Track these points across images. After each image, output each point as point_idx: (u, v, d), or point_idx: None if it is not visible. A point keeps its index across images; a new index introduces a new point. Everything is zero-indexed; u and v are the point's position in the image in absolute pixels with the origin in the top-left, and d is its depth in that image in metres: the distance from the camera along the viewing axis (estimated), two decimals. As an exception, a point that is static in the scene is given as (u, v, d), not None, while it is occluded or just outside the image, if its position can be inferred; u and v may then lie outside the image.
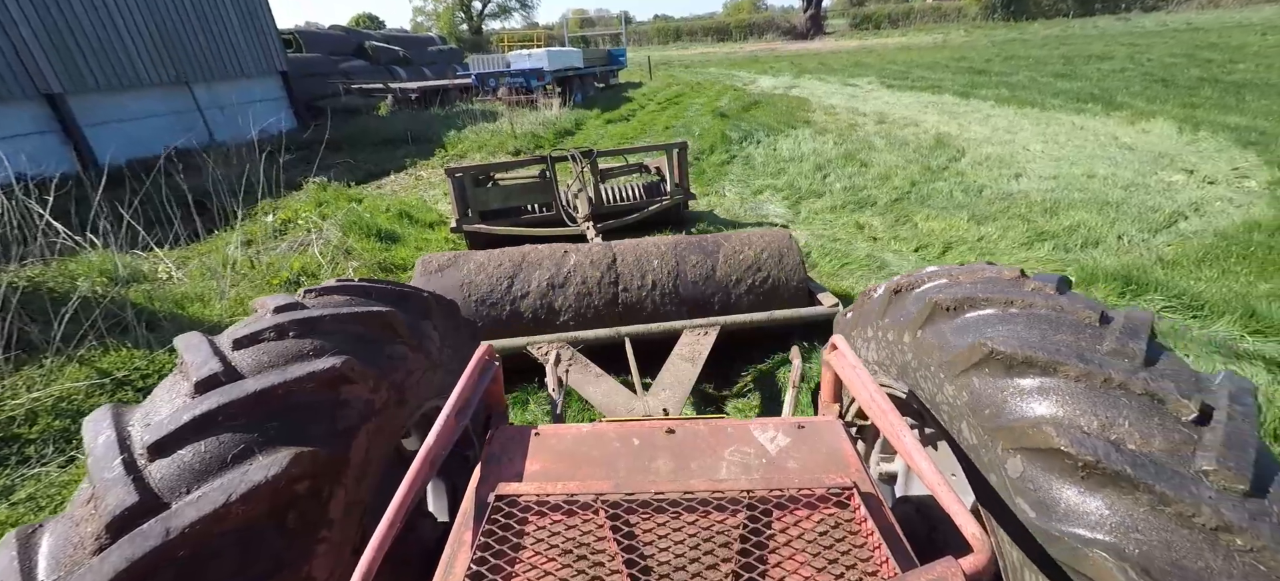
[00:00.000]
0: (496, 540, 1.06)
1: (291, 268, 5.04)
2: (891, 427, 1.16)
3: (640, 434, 1.41)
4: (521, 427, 1.47)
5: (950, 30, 46.07)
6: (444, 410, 1.20)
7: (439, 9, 57.26)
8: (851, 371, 1.37)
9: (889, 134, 9.84)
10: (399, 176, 9.71)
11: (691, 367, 2.66)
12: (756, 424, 1.43)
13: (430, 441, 1.12)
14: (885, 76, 18.40)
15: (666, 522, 1.10)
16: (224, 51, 13.15)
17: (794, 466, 1.31)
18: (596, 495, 1.14)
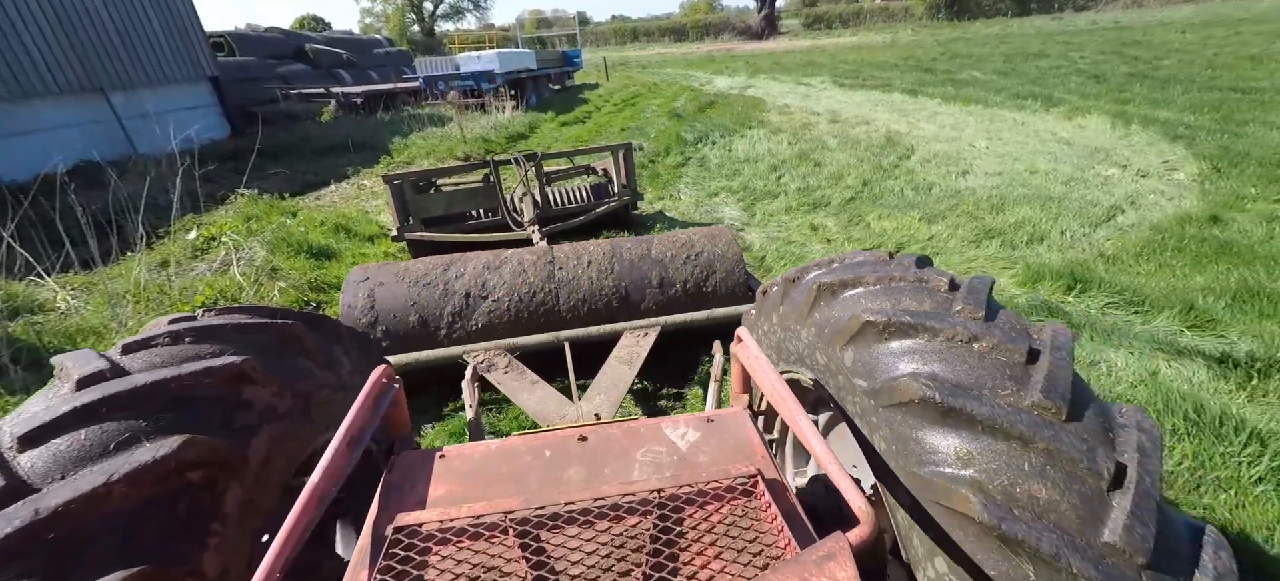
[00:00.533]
0: (395, 575, 1.01)
1: (207, 291, 4.61)
2: (789, 412, 1.21)
3: (552, 444, 1.39)
4: (425, 452, 1.41)
5: (899, 30, 47.56)
6: (334, 439, 1.13)
7: (388, 10, 55.54)
8: (755, 362, 1.41)
9: (842, 133, 9.92)
10: (340, 186, 9.19)
11: (628, 370, 2.63)
12: (668, 422, 1.44)
13: (318, 475, 1.05)
14: (837, 75, 18.72)
15: (577, 533, 1.09)
16: (144, 56, 12.23)
17: (704, 460, 1.32)
18: (504, 513, 1.11)
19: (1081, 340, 3.21)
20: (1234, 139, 7.12)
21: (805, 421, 1.18)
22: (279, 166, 10.58)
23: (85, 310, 4.53)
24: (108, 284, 5.12)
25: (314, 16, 52.15)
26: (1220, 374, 2.76)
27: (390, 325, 2.95)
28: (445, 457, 1.37)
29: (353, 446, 1.19)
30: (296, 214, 7.25)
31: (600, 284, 3.19)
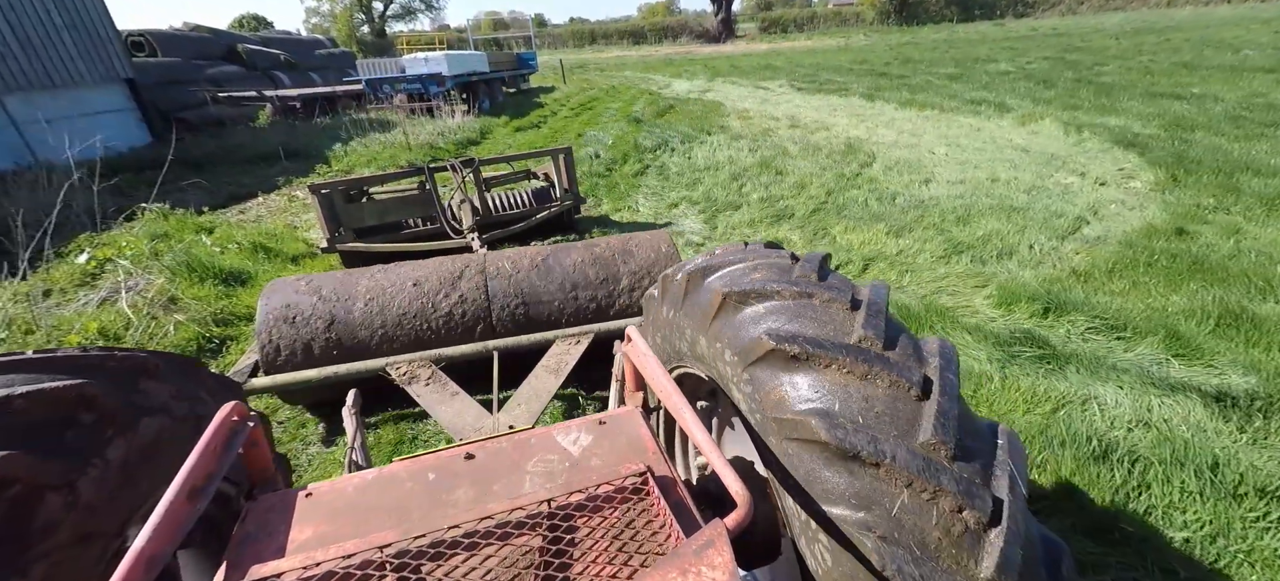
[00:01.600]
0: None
1: (89, 327, 3.93)
2: (674, 404, 1.22)
3: (436, 467, 1.31)
4: (286, 492, 1.27)
5: (851, 34, 48.74)
6: (167, 495, 0.98)
7: (336, 10, 53.24)
8: (643, 358, 1.42)
9: (802, 139, 9.75)
10: (269, 198, 8.41)
11: (554, 379, 2.56)
12: (559, 428, 1.40)
13: (142, 540, 0.90)
14: (795, 79, 18.77)
15: (463, 560, 1.04)
16: (44, 56, 11.02)
17: (596, 463, 1.29)
18: (378, 549, 1.03)
19: (1067, 373, 2.97)
20: (1185, 146, 7.24)
21: (688, 412, 1.19)
22: (202, 176, 9.64)
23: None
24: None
25: (253, 16, 49.46)
26: (1218, 413, 2.55)
27: (308, 339, 2.83)
28: (312, 496, 1.24)
29: (193, 498, 1.04)
30: (213, 231, 6.51)
31: (534, 290, 3.10)
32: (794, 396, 1.18)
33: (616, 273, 3.19)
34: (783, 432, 1.18)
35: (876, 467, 1.03)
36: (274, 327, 2.81)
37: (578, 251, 3.29)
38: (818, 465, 1.11)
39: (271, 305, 2.88)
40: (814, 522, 1.12)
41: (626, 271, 3.19)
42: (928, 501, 0.99)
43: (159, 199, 7.46)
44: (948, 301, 4.01)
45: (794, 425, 1.15)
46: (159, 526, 0.94)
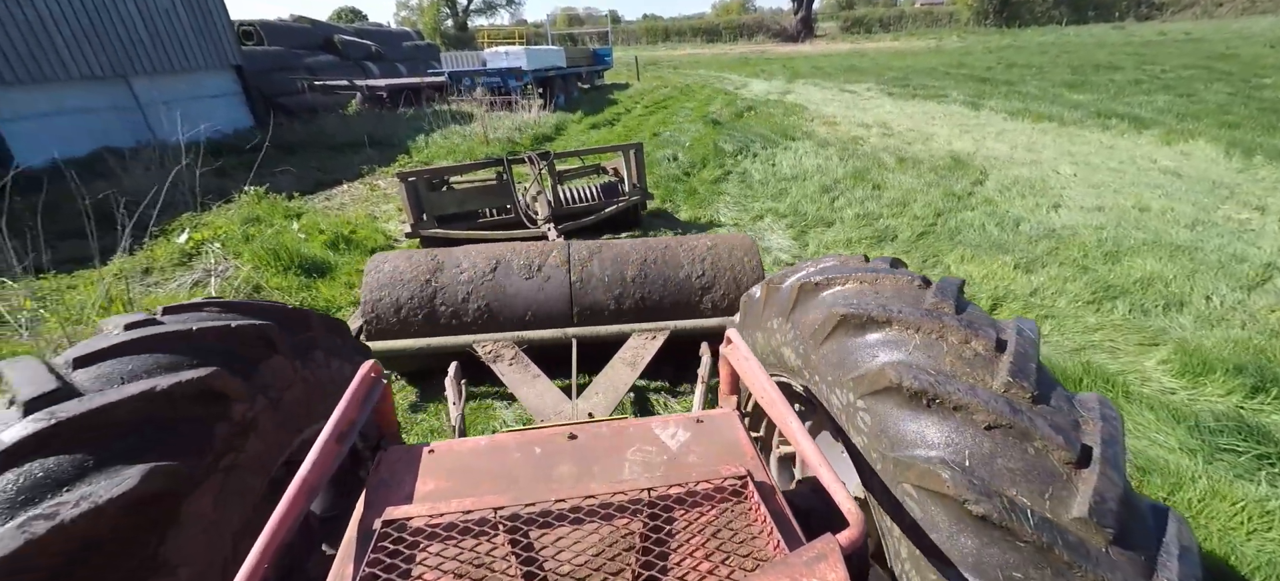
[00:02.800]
0: (383, 569, 0.99)
1: (176, 319, 3.96)
2: (779, 413, 1.21)
3: (542, 442, 1.37)
4: (413, 447, 1.38)
5: (944, 35, 45.68)
6: (321, 435, 1.10)
7: (424, 4, 55.70)
8: (745, 363, 1.40)
9: (899, 150, 8.94)
10: (353, 186, 8.60)
11: (630, 372, 2.61)
12: (657, 421, 1.42)
13: (305, 470, 1.03)
14: (884, 82, 17.59)
15: (567, 531, 1.08)
16: (168, 43, 11.90)
17: (693, 460, 1.31)
18: (493, 509, 1.10)
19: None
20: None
21: (795, 422, 1.17)
22: (294, 161, 10.07)
23: (42, 326, 3.93)
24: (75, 295, 4.55)
25: (351, 9, 52.60)
26: None
27: (408, 311, 2.98)
28: (434, 452, 1.35)
29: (341, 440, 1.17)
30: (301, 217, 6.65)
31: (614, 283, 3.14)
32: (919, 440, 1.10)
33: (696, 272, 3.20)
34: (901, 476, 1.11)
35: (1011, 536, 0.92)
36: (378, 298, 2.98)
37: (658, 248, 3.31)
38: (941, 517, 1.02)
39: (377, 276, 3.05)
40: (930, 573, 1.02)
41: (706, 272, 3.20)
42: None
43: (255, 182, 7.78)
44: (1106, 361, 3.32)
45: (918, 472, 1.06)
46: (316, 460, 1.05)
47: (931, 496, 1.04)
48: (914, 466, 1.07)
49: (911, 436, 1.11)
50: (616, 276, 3.16)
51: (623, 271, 3.17)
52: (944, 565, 1.00)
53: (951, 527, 1.00)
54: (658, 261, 3.24)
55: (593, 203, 5.69)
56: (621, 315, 3.12)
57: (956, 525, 0.99)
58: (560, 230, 4.87)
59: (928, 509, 1.04)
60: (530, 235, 4.92)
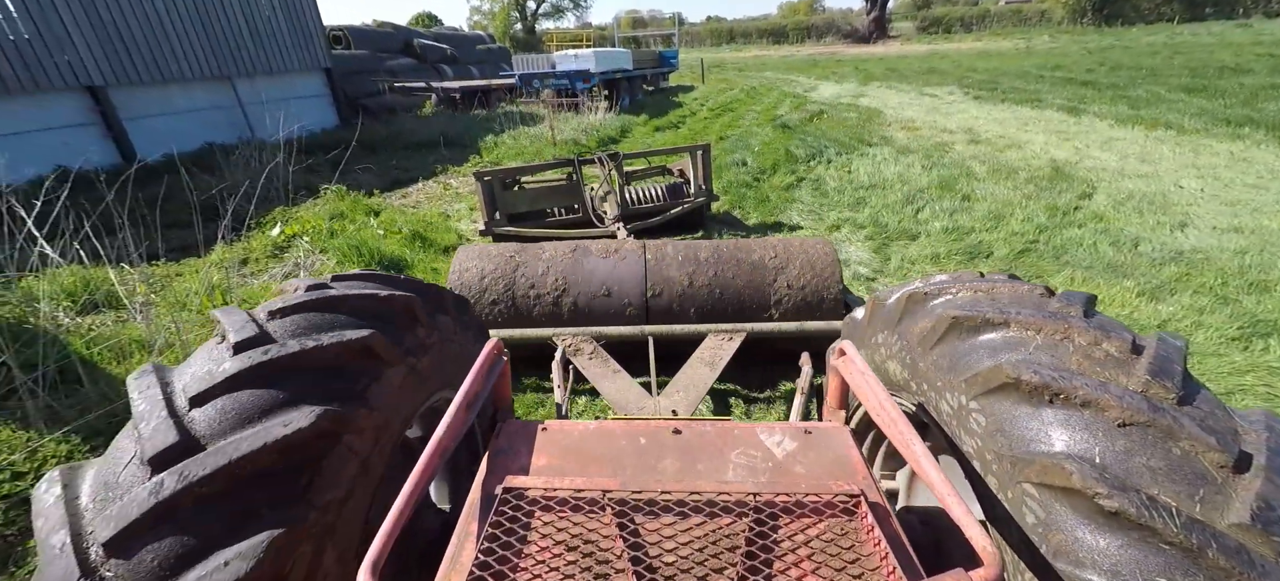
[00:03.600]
0: (504, 531, 1.07)
1: (267, 309, 4.16)
2: (902, 437, 1.15)
3: (647, 433, 1.41)
4: (528, 422, 1.46)
5: (1033, 34, 42.57)
6: (455, 401, 1.22)
7: (495, 9, 57.68)
8: (861, 378, 1.35)
9: (989, 158, 8.29)
10: (427, 184, 8.90)
11: (709, 372, 2.62)
12: (763, 427, 1.42)
13: (441, 431, 1.15)
14: (968, 86, 16.51)
15: (672, 522, 1.10)
16: (268, 47, 12.81)
17: (800, 471, 1.30)
18: (603, 491, 1.15)
19: None
20: None
21: (920, 446, 1.10)
22: (374, 160, 10.58)
23: (154, 311, 4.23)
24: (181, 282, 4.88)
25: (428, 13, 55.23)
26: None
27: (490, 300, 3.09)
28: (547, 430, 1.42)
29: (469, 408, 1.27)
30: (379, 214, 6.91)
31: (690, 283, 3.15)
32: (1041, 436, 1.04)
33: (772, 276, 3.17)
34: (1018, 475, 1.05)
35: (1152, 536, 0.84)
36: (463, 287, 3.09)
37: (734, 249, 3.30)
38: (1066, 516, 0.96)
39: (462, 266, 3.17)
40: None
41: (783, 275, 3.17)
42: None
43: (339, 180, 8.19)
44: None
45: (1040, 468, 1.00)
46: (449, 426, 1.15)
47: (1055, 493, 0.97)
48: (1034, 463, 1.01)
49: (1032, 433, 1.05)
50: (691, 276, 3.17)
51: (697, 271, 3.19)
52: (1072, 568, 0.91)
53: (1079, 527, 0.92)
54: (732, 262, 3.23)
55: (659, 203, 5.73)
56: (695, 314, 3.13)
57: (1085, 524, 0.92)
58: (629, 230, 4.91)
59: (1051, 508, 0.97)
60: (599, 234, 5.00)
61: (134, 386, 1.12)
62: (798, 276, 3.16)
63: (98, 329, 3.51)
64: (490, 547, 1.03)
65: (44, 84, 8.79)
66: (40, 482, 0.98)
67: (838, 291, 3.17)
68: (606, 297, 3.14)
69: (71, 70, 9.15)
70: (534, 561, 1.02)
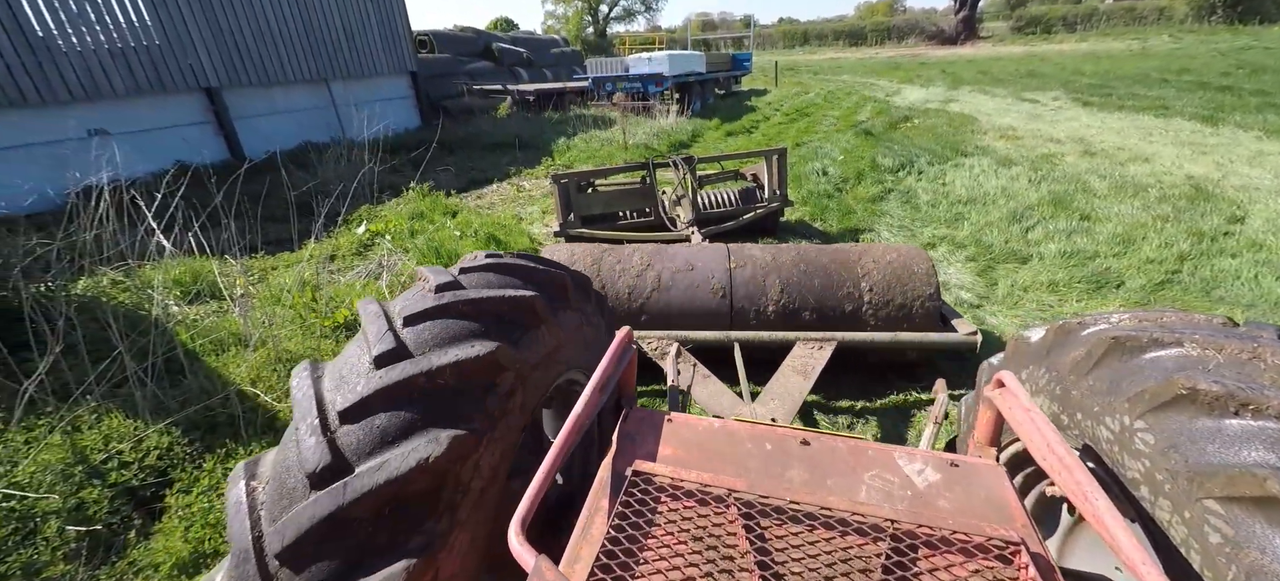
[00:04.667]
0: (633, 512, 1.10)
1: (351, 306, 4.25)
2: (1077, 484, 1.04)
3: (773, 439, 1.39)
4: (654, 412, 1.48)
5: (1149, 34, 38.52)
6: (591, 381, 1.31)
7: (568, 13, 58.98)
8: (1023, 414, 1.25)
9: (1109, 172, 7.41)
10: (501, 186, 9.05)
11: (803, 381, 2.55)
12: (901, 452, 1.37)
13: (579, 408, 1.23)
14: (1076, 91, 15.04)
15: (801, 534, 1.08)
16: (361, 51, 13.56)
17: (945, 506, 1.21)
18: (729, 490, 1.15)
19: None
20: None
21: (1104, 500, 0.98)
22: (452, 161, 10.93)
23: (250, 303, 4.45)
24: (275, 275, 5.13)
25: (505, 18, 57.27)
26: None
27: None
28: (673, 421, 1.44)
29: (602, 391, 1.34)
30: (456, 214, 7.06)
31: (775, 289, 3.08)
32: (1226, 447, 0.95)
33: (861, 282, 3.08)
34: (1198, 491, 0.96)
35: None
36: None
37: (819, 253, 3.22)
38: (1262, 528, 0.86)
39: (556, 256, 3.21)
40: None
41: (872, 282, 3.07)
42: None
43: (420, 179, 8.48)
44: None
45: (1226, 480, 0.92)
46: (587, 403, 1.25)
47: (1247, 506, 0.91)
48: (1219, 475, 0.95)
49: (1214, 447, 0.98)
50: (776, 280, 3.11)
51: (782, 275, 3.12)
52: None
53: (1277, 537, 0.85)
54: (818, 267, 3.14)
55: (732, 207, 5.65)
56: (780, 320, 3.06)
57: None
58: (703, 234, 4.87)
59: (1240, 524, 0.91)
60: (672, 238, 4.94)
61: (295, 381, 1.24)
62: (888, 284, 3.04)
63: (202, 320, 3.69)
64: (620, 525, 1.07)
65: (169, 86, 9.66)
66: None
67: (933, 301, 3.03)
68: (689, 301, 3.08)
69: (192, 73, 10.01)
70: (660, 544, 1.04)
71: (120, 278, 4.47)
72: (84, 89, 8.36)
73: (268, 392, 2.85)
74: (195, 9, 9.94)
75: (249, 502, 1.07)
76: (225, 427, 2.58)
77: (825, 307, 3.04)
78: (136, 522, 2.10)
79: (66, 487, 2.14)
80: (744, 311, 3.06)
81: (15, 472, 2.15)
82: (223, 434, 2.55)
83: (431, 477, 1.08)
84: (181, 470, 2.34)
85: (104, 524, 2.06)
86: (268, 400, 2.72)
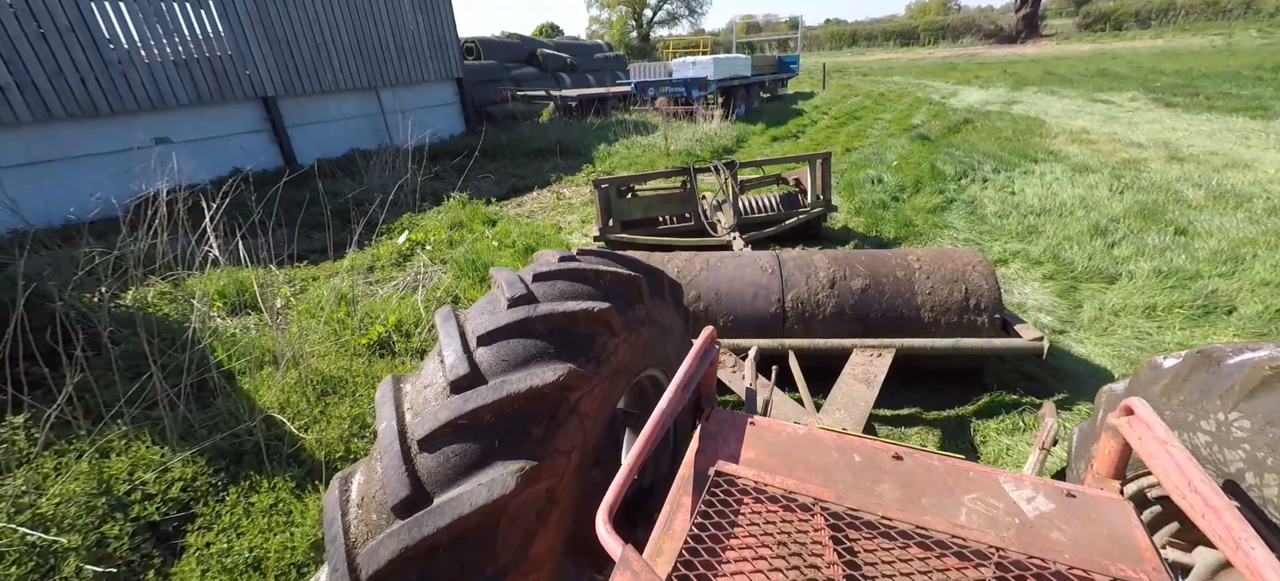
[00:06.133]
0: (716, 512, 1.09)
1: (387, 322, 4.17)
2: (1228, 532, 0.93)
3: (862, 451, 1.35)
4: (736, 413, 1.48)
5: (1235, 29, 35.54)
6: (673, 382, 1.30)
7: (612, 17, 59.32)
8: (1158, 446, 1.12)
9: (1203, 180, 6.68)
10: (541, 193, 8.98)
11: (867, 390, 2.47)
12: (1007, 476, 1.28)
13: (664, 403, 1.22)
14: (1156, 90, 13.88)
15: (894, 551, 1.03)
16: (410, 58, 13.84)
17: (1059, 539, 1.12)
18: (815, 499, 1.12)
19: None
20: None
21: (1263, 552, 0.87)
22: (494, 167, 10.96)
23: (288, 315, 4.44)
24: (316, 285, 5.15)
25: (551, 24, 58.14)
26: None
27: None
28: (755, 425, 1.42)
29: (685, 389, 1.34)
30: (495, 224, 6.99)
31: (829, 293, 3.02)
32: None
33: (917, 287, 3.00)
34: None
35: None
36: None
37: (873, 259, 3.15)
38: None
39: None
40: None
41: (930, 287, 2.99)
42: None
43: (462, 186, 8.49)
44: None
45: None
46: (671, 399, 1.24)
47: None
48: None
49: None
50: (830, 286, 3.03)
51: (836, 281, 3.04)
52: None
53: None
54: (872, 272, 3.05)
55: (774, 213, 5.58)
56: (834, 327, 2.98)
57: None
58: (744, 240, 4.77)
59: None
60: (713, 244, 4.89)
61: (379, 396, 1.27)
62: (946, 289, 2.96)
63: (241, 335, 3.66)
64: (703, 524, 1.06)
65: (229, 96, 10.05)
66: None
67: (995, 306, 2.94)
68: (740, 307, 3.01)
69: (250, 83, 10.40)
70: (743, 546, 1.02)
71: (168, 288, 4.55)
72: (150, 100, 8.76)
73: (295, 418, 2.75)
74: (254, 20, 10.32)
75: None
76: (251, 457, 2.48)
77: (881, 313, 2.96)
78: (156, 561, 2.00)
79: (89, 520, 2.07)
80: (797, 317, 2.99)
81: (40, 503, 2.09)
82: (248, 463, 2.45)
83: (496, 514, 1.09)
84: (204, 503, 2.25)
85: (124, 562, 1.96)
86: (293, 429, 2.61)
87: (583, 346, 1.34)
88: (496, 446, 1.15)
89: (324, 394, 3.02)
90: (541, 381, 1.25)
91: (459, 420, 1.14)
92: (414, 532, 1.03)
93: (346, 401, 2.98)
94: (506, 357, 1.31)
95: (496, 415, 1.16)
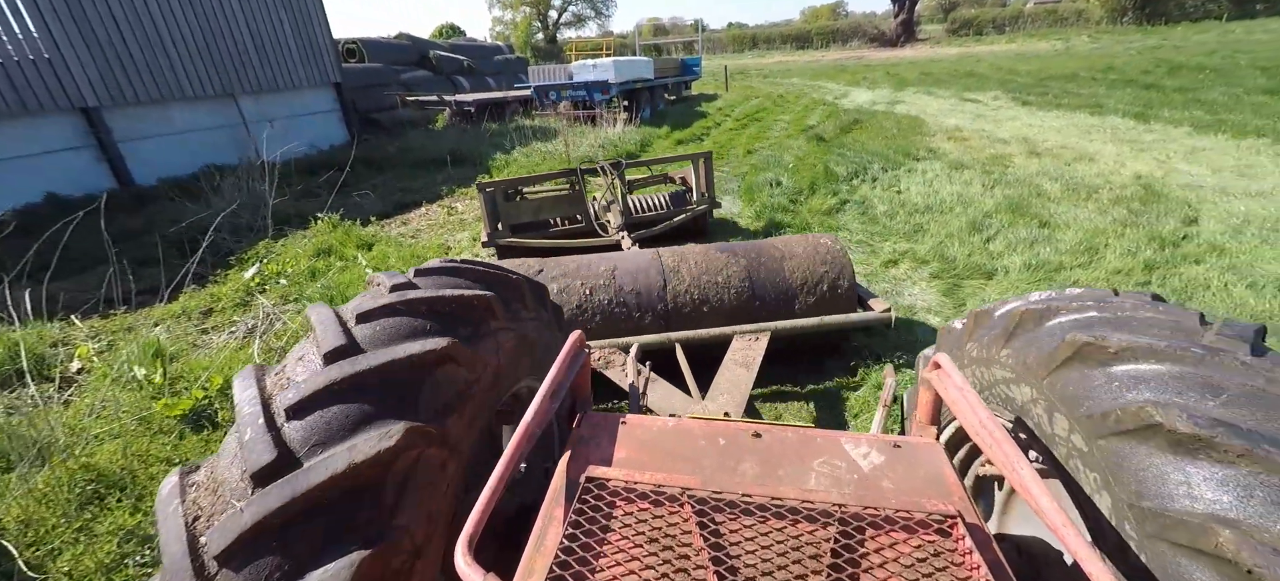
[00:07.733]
0: (587, 519, 1.08)
1: (211, 384, 3.41)
2: (1006, 457, 1.10)
3: (726, 434, 1.40)
4: (608, 415, 1.47)
5: (1071, 34, 40.71)
6: (540, 390, 1.26)
7: (517, 18, 57.69)
8: (958, 392, 1.30)
9: (1059, 173, 7.28)
10: (430, 209, 8.22)
11: (747, 373, 2.61)
12: (847, 437, 1.39)
13: (528, 418, 1.19)
14: (1014, 90, 15.36)
15: (753, 525, 1.08)
16: (274, 63, 12.37)
17: (889, 486, 1.25)
18: (683, 489, 1.14)
19: None
20: None
21: (1028, 469, 1.04)
22: (379, 179, 9.99)
23: (83, 389, 3.55)
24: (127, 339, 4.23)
25: (451, 25, 55.47)
26: None
27: None
28: (627, 424, 1.43)
29: (553, 397, 1.30)
30: (371, 247, 6.23)
31: (707, 287, 3.17)
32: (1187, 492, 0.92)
33: (787, 272, 3.24)
34: (1161, 532, 0.94)
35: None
36: None
37: (744, 251, 3.34)
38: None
39: None
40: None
41: (794, 271, 3.24)
42: None
43: (338, 204, 7.56)
44: None
45: (1189, 529, 0.89)
46: (536, 412, 1.21)
47: (1207, 559, 0.87)
48: (1180, 522, 0.91)
49: (1176, 488, 0.94)
50: (708, 278, 3.18)
51: (714, 273, 3.20)
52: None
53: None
54: (745, 265, 3.23)
55: (662, 211, 5.64)
56: (716, 316, 3.13)
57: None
58: (635, 238, 4.86)
59: (1190, 573, 0.88)
60: (603, 244, 4.89)
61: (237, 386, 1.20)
62: (810, 272, 3.23)
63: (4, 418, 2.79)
64: (574, 535, 1.04)
65: (35, 107, 8.37)
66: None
67: (850, 284, 3.25)
68: (625, 306, 3.09)
69: (65, 91, 8.74)
70: (615, 550, 1.02)
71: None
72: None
73: (36, 544, 2.04)
74: (64, 16, 8.67)
75: (185, 507, 1.01)
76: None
77: (758, 299, 3.16)
78: None
79: None
80: (680, 311, 3.12)
81: None
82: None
83: (381, 469, 1.03)
84: None
85: None
86: (23, 563, 1.92)
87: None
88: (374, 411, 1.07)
89: (92, 500, 2.32)
90: (423, 350, 1.18)
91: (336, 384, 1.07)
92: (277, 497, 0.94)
93: (124, 509, 2.30)
94: (388, 332, 1.22)
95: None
